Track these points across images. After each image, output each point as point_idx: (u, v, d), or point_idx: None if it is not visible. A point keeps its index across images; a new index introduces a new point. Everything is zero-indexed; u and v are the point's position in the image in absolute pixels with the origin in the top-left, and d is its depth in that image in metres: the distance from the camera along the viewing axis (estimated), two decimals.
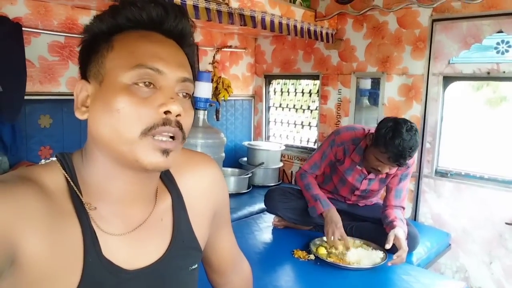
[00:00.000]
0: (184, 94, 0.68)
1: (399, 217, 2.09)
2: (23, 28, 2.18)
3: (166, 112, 0.62)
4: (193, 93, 0.72)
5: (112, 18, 0.66)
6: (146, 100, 0.62)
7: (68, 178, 0.66)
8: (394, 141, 1.89)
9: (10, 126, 2.18)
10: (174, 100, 0.63)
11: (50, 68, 2.41)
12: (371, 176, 2.22)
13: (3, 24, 2.08)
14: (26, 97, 2.19)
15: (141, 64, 0.62)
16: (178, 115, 0.63)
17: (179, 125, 0.64)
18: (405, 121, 1.97)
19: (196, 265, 0.80)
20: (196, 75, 3.08)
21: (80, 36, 0.68)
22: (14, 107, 2.12)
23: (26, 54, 2.19)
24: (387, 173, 2.14)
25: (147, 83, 0.63)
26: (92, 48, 0.67)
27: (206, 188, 0.83)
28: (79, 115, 0.67)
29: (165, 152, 0.63)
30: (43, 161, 0.69)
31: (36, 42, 2.34)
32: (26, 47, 2.21)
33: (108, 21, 0.66)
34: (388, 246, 1.96)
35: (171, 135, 0.64)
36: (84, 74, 0.68)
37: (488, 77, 2.50)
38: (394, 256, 1.91)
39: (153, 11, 0.65)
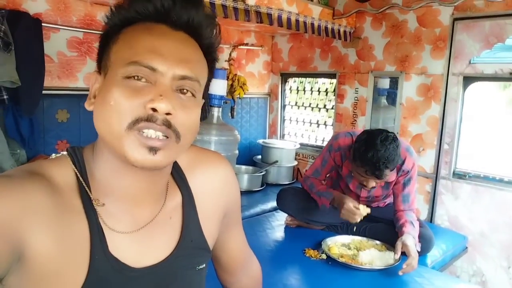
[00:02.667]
0: (184, 90, 0.64)
1: (410, 219, 2.05)
2: (42, 24, 2.22)
3: (154, 109, 0.60)
4: (206, 90, 0.70)
5: (123, 11, 0.66)
6: (138, 93, 0.60)
7: (78, 173, 0.66)
8: (367, 154, 1.84)
9: (28, 120, 2.22)
10: (163, 97, 0.60)
11: (68, 64, 2.45)
12: None
13: (23, 19, 2.11)
14: (44, 92, 2.23)
15: (136, 62, 0.61)
16: (168, 113, 0.60)
17: (167, 124, 0.61)
18: (380, 131, 1.92)
19: (204, 265, 0.79)
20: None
21: (99, 32, 0.69)
22: (32, 101, 2.15)
23: (45, 50, 2.23)
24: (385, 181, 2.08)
25: (140, 77, 0.62)
26: (106, 41, 0.67)
27: (217, 188, 0.82)
28: (87, 106, 0.67)
29: (152, 150, 0.60)
30: (53, 155, 0.69)
31: (55, 37, 2.37)
32: (46, 42, 2.25)
33: (120, 13, 0.66)
34: (396, 256, 1.93)
35: (160, 133, 0.60)
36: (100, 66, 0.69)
37: (511, 77, 2.43)
38: (404, 265, 1.84)
39: (158, 2, 0.64)
